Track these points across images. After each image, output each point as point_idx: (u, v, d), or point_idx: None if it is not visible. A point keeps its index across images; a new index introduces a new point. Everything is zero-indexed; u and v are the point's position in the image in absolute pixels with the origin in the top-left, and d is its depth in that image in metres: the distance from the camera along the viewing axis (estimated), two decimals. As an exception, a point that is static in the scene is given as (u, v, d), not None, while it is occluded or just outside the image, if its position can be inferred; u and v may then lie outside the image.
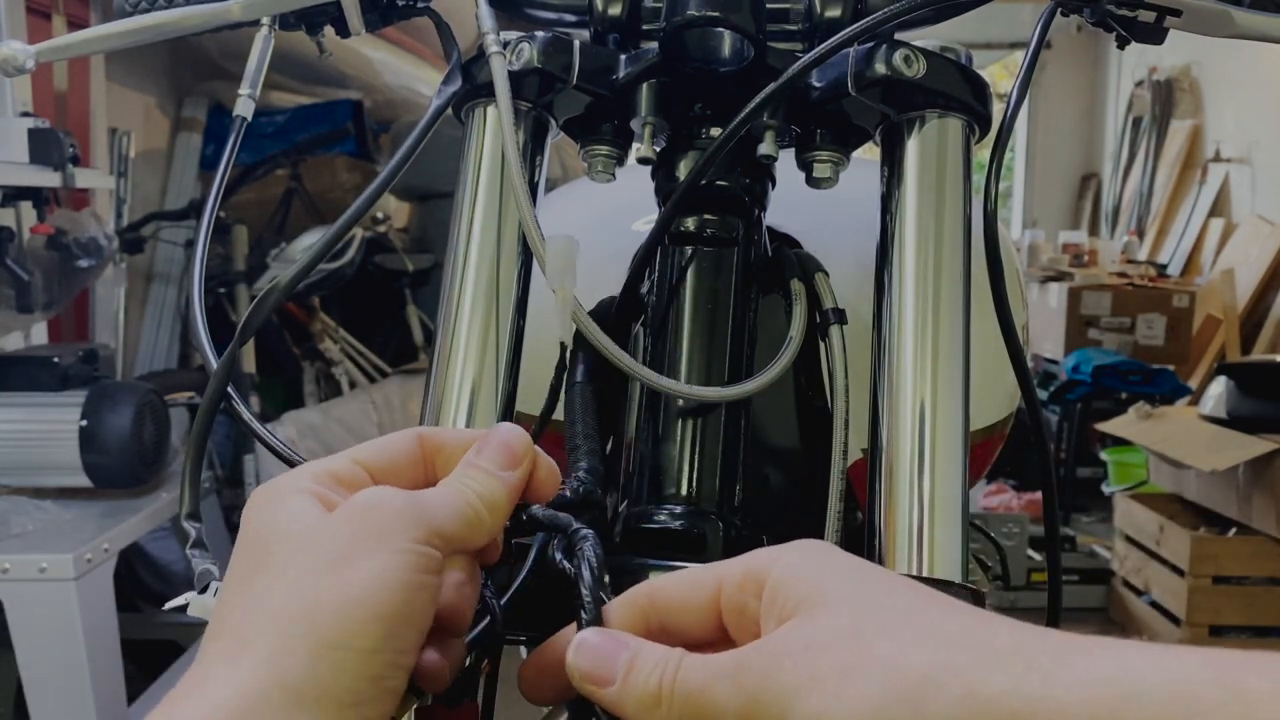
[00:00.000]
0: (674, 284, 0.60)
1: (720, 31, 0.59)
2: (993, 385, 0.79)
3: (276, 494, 0.38)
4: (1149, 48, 0.60)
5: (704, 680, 0.35)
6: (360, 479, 0.40)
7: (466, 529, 0.38)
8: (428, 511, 0.37)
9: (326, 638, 0.33)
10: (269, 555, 0.36)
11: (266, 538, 0.36)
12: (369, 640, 0.34)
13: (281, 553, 0.36)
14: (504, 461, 0.41)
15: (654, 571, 0.50)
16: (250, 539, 0.37)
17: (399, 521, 0.36)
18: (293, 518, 0.37)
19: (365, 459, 0.40)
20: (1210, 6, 0.56)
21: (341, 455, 0.40)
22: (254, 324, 0.53)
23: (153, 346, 3.19)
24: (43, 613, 1.68)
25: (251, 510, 0.38)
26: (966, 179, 0.57)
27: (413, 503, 0.37)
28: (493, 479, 0.40)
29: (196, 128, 3.41)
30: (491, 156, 0.58)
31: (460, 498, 0.39)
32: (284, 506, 0.37)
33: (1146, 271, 4.85)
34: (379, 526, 0.36)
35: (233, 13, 0.60)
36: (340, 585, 0.34)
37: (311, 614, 0.34)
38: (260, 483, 2.50)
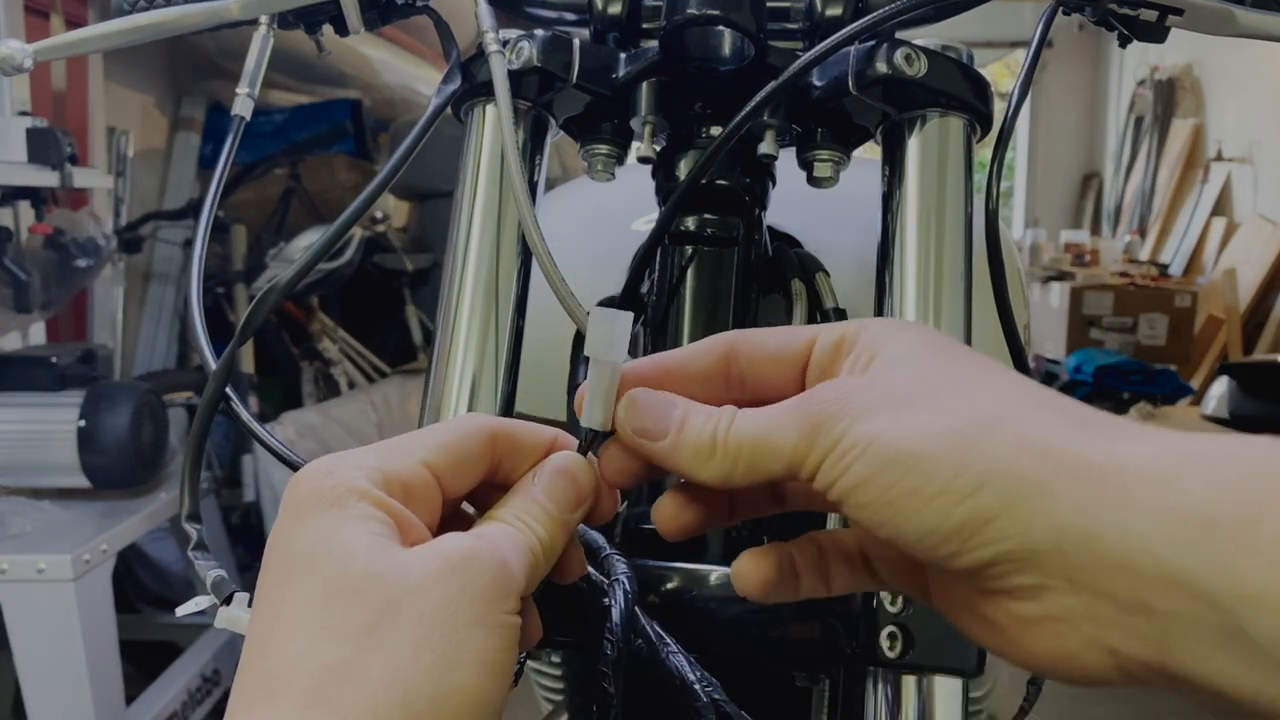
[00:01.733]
0: (674, 283, 0.60)
1: (720, 30, 0.59)
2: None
3: (339, 504, 0.33)
4: (1151, 47, 0.60)
5: (762, 425, 0.34)
6: (429, 489, 0.35)
7: (527, 581, 0.34)
8: (511, 567, 0.33)
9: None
10: (351, 594, 0.31)
11: (344, 566, 0.31)
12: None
13: (370, 600, 0.31)
14: (569, 502, 0.37)
15: (654, 572, 0.50)
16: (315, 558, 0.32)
17: (493, 589, 0.32)
18: (376, 548, 0.32)
19: (434, 461, 0.36)
20: (1212, 5, 0.56)
21: (406, 449, 0.35)
22: (253, 324, 0.53)
23: (151, 346, 3.18)
24: (41, 613, 1.68)
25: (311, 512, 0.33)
26: (968, 178, 0.57)
27: (502, 562, 0.33)
28: (555, 523, 0.36)
29: (195, 127, 3.41)
30: (491, 156, 0.58)
31: (528, 546, 0.35)
32: (360, 526, 0.32)
33: (1148, 271, 4.85)
34: (476, 593, 0.31)
35: (231, 11, 0.59)
36: (443, 669, 0.30)
37: (410, 699, 0.29)
38: (259, 484, 2.50)
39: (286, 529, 0.33)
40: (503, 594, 0.32)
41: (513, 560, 0.33)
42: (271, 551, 0.33)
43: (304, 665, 0.30)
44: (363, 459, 0.35)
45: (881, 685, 0.48)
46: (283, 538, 0.33)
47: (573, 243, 0.78)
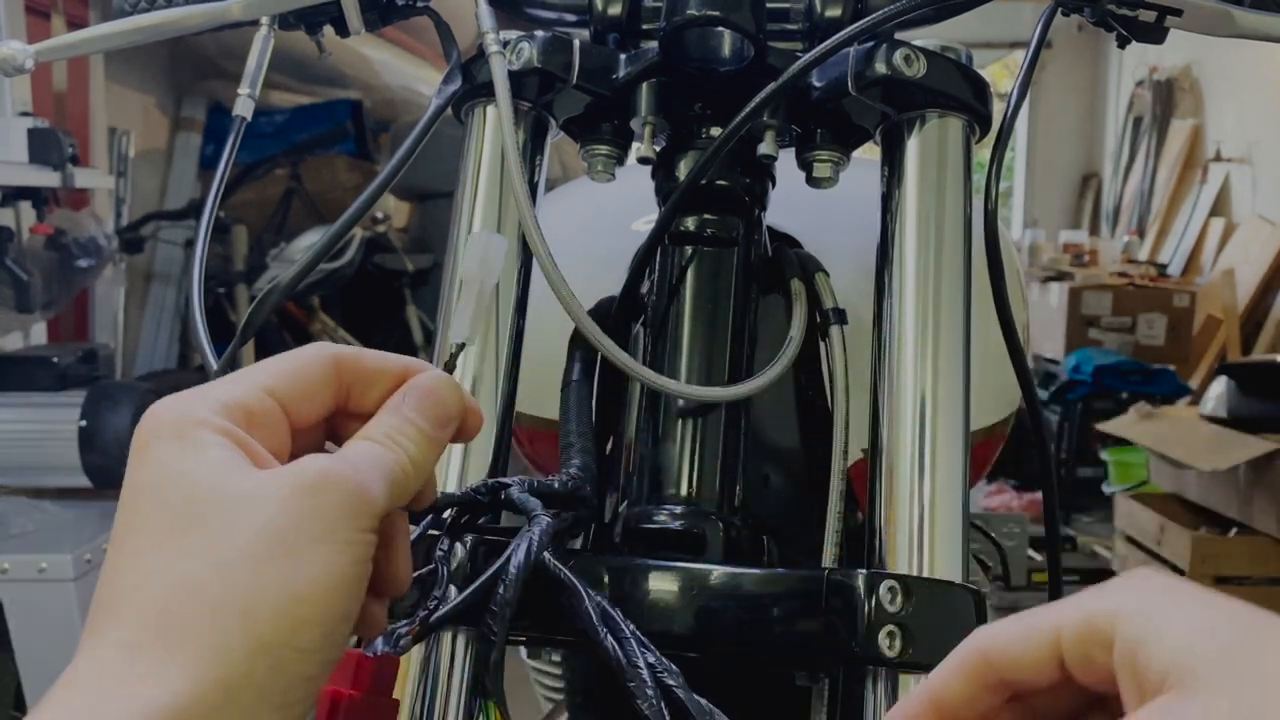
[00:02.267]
0: (674, 284, 0.60)
1: (720, 31, 0.59)
2: (993, 385, 0.79)
3: (185, 431, 0.33)
4: (1149, 47, 0.60)
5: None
6: (273, 415, 0.35)
7: (395, 496, 0.35)
8: (368, 488, 0.34)
9: (266, 636, 0.30)
10: (194, 517, 0.32)
11: (188, 490, 0.32)
12: (310, 640, 0.31)
13: (213, 519, 0.31)
14: (439, 418, 0.38)
15: (654, 571, 0.50)
16: (160, 485, 0.32)
17: (347, 508, 0.33)
18: (218, 472, 0.32)
19: (277, 388, 0.36)
20: (1211, 6, 0.56)
21: (249, 379, 0.36)
22: (254, 324, 0.53)
23: (152, 346, 3.19)
24: (42, 613, 1.68)
25: (154, 444, 0.33)
26: (967, 179, 0.57)
27: (359, 484, 0.33)
28: (424, 438, 0.37)
29: (196, 127, 3.41)
30: (491, 156, 0.58)
31: (392, 461, 0.36)
32: (203, 453, 0.33)
33: (1147, 271, 4.85)
34: (326, 512, 0.32)
35: (232, 12, 0.59)
36: (285, 580, 0.31)
37: (253, 609, 0.30)
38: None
39: (134, 464, 0.34)
40: (355, 512, 0.33)
41: (371, 479, 0.34)
42: (123, 489, 0.34)
43: (147, 586, 0.31)
44: (205, 391, 0.35)
45: (881, 684, 0.48)
46: (130, 473, 0.34)
47: (573, 243, 0.78)
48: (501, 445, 0.55)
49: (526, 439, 0.85)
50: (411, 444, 0.37)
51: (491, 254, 0.39)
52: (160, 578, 0.31)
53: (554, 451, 0.85)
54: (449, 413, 0.38)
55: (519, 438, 0.85)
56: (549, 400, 0.79)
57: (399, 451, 0.36)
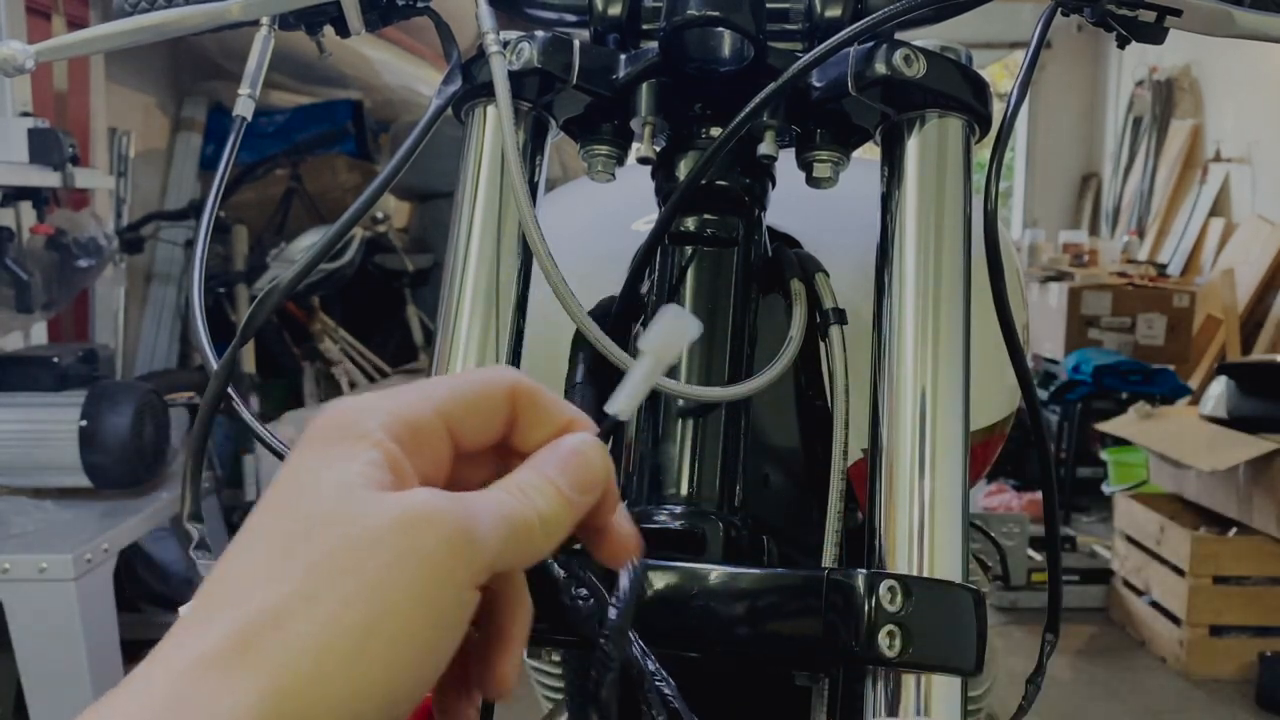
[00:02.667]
0: (674, 284, 0.60)
1: (720, 31, 0.59)
2: (993, 385, 0.79)
3: (343, 439, 0.32)
4: (1149, 47, 0.60)
5: None
6: (436, 436, 0.34)
7: (513, 551, 0.33)
8: (480, 540, 0.31)
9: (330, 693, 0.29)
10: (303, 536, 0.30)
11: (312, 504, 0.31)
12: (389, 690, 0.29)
13: (317, 543, 0.30)
14: (580, 483, 0.35)
15: (654, 571, 0.50)
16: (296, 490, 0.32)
17: (450, 556, 0.30)
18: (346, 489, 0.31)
19: (449, 409, 0.34)
20: (1211, 6, 0.56)
21: (423, 397, 0.34)
22: (254, 324, 0.53)
23: (152, 346, 3.19)
24: (43, 613, 1.68)
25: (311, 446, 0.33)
26: (967, 179, 0.57)
27: (464, 527, 0.31)
28: (560, 498, 0.35)
29: (196, 127, 3.41)
30: (491, 156, 0.58)
31: (517, 512, 0.33)
32: (346, 466, 0.31)
33: (1147, 271, 4.85)
34: (425, 556, 0.30)
35: (232, 12, 0.59)
36: (361, 634, 0.29)
37: (323, 657, 0.29)
38: (261, 483, 2.50)
39: (289, 460, 0.33)
40: (458, 561, 0.30)
41: (484, 528, 0.31)
42: (275, 480, 0.33)
43: (244, 603, 0.29)
44: (381, 400, 0.34)
45: (880, 684, 0.48)
46: (283, 468, 0.33)
47: (573, 243, 0.78)
48: (502, 445, 0.55)
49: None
50: (544, 501, 0.34)
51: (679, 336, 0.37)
52: (256, 600, 0.29)
53: (554, 451, 0.85)
54: (594, 478, 0.36)
55: (519, 438, 0.85)
56: (549, 400, 0.79)
57: (527, 505, 0.34)
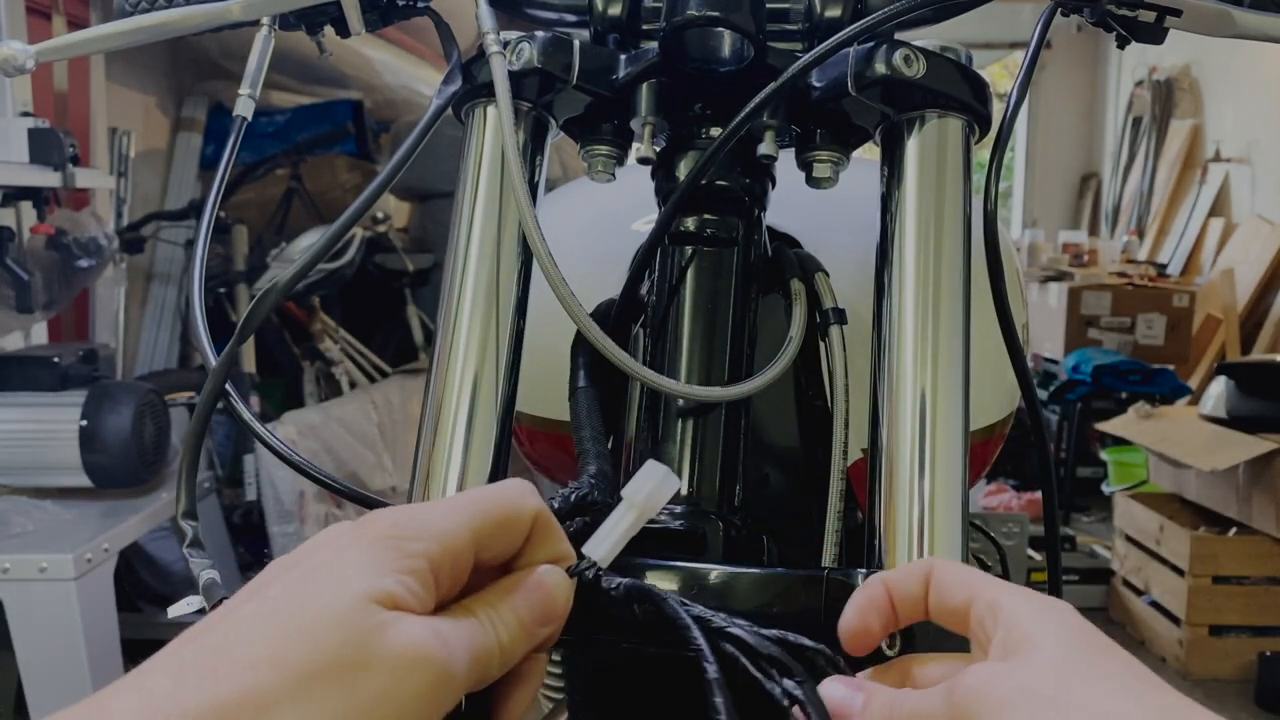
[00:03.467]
0: (674, 284, 0.60)
1: (720, 31, 0.59)
2: (993, 385, 0.79)
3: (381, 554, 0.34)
4: (1149, 47, 0.60)
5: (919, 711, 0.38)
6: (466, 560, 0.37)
7: (474, 679, 0.36)
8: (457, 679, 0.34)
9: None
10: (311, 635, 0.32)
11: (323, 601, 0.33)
12: None
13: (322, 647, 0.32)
14: (543, 618, 0.39)
15: (654, 571, 0.50)
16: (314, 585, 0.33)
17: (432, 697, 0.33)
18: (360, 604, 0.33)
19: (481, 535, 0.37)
20: (1210, 6, 0.56)
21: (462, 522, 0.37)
22: (253, 323, 0.53)
23: (153, 346, 3.19)
24: (43, 612, 1.68)
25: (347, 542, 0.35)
26: (966, 179, 0.57)
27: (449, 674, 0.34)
28: (523, 635, 0.38)
29: (196, 127, 3.41)
30: (491, 156, 0.58)
31: (481, 644, 0.36)
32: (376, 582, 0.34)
33: (1146, 271, 4.85)
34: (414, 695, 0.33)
35: (233, 12, 0.60)
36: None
37: None
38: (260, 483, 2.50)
39: (320, 541, 0.35)
40: (438, 701, 0.34)
41: (460, 666, 0.35)
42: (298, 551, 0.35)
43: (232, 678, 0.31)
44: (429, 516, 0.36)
45: (880, 683, 0.48)
46: (313, 545, 0.35)
47: (573, 243, 0.78)
48: (502, 445, 0.55)
49: (526, 439, 0.85)
50: (506, 632, 0.37)
51: (663, 493, 0.40)
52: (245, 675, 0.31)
53: (554, 451, 0.85)
54: (554, 615, 0.39)
55: (519, 437, 0.85)
56: (549, 400, 0.79)
57: (492, 636, 0.37)
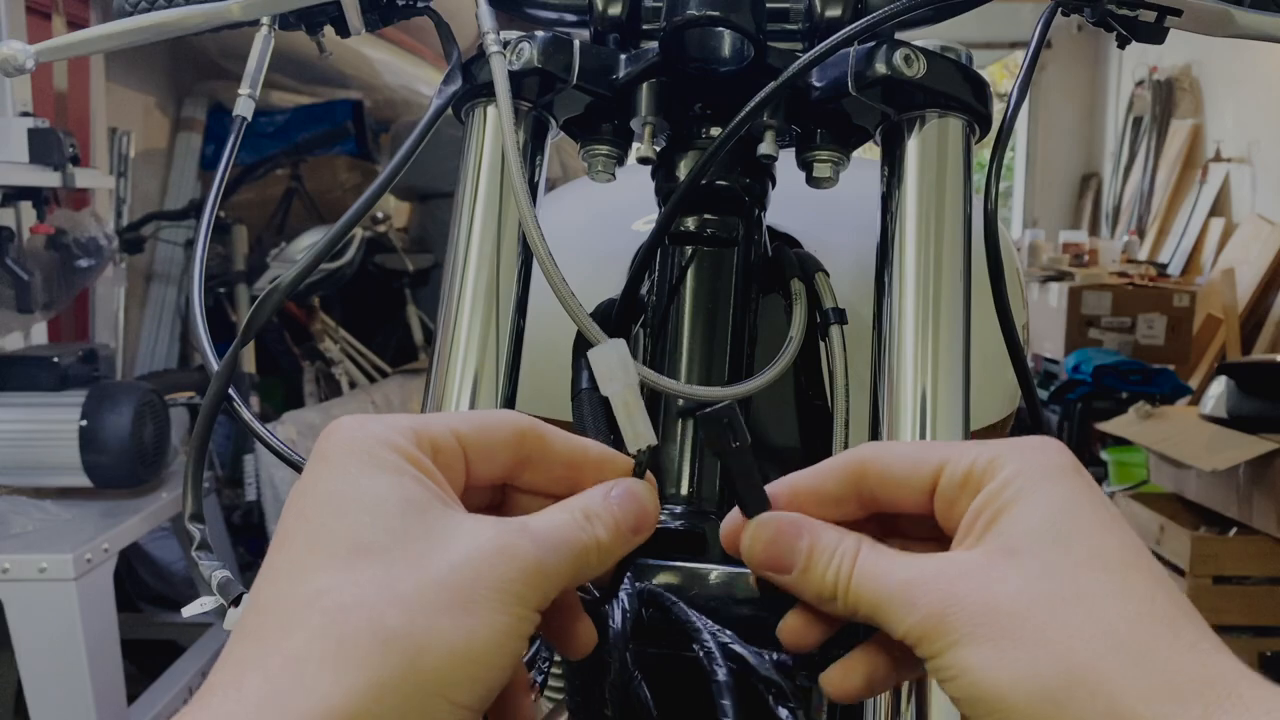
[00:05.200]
0: (674, 284, 0.60)
1: (720, 31, 0.59)
2: (993, 385, 0.79)
3: (377, 450, 0.33)
4: (1149, 47, 0.60)
5: (882, 591, 0.35)
6: (456, 458, 0.36)
7: (576, 576, 0.35)
8: (548, 566, 0.34)
9: (428, 682, 0.30)
10: (378, 546, 0.32)
11: (375, 512, 0.32)
12: (466, 697, 0.31)
13: (398, 552, 0.32)
14: (637, 521, 0.37)
15: (654, 571, 0.50)
16: (345, 500, 0.32)
17: (526, 582, 0.33)
18: (411, 502, 0.33)
19: (464, 434, 0.36)
20: (1211, 6, 0.56)
21: (439, 419, 0.36)
22: (255, 325, 0.53)
23: (153, 346, 3.19)
24: (43, 613, 1.68)
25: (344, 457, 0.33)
26: (967, 179, 0.57)
27: (539, 560, 0.33)
28: (619, 535, 0.37)
29: (196, 127, 3.41)
30: (491, 156, 0.58)
31: (583, 542, 0.35)
32: (397, 479, 0.33)
33: (1147, 271, 4.85)
34: (506, 583, 0.32)
35: (232, 12, 0.59)
36: (458, 633, 0.31)
37: (423, 652, 0.30)
38: (260, 483, 2.50)
39: (316, 471, 0.34)
40: (533, 589, 0.33)
41: (554, 557, 0.34)
42: (296, 495, 0.34)
43: (322, 604, 0.30)
44: (394, 417, 0.35)
45: (881, 683, 0.48)
46: (309, 482, 0.34)
47: (573, 243, 0.78)
48: (502, 445, 0.55)
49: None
50: (605, 531, 0.36)
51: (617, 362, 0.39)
52: (337, 599, 0.31)
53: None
54: (646, 522, 0.38)
55: (519, 437, 0.85)
56: (549, 400, 0.79)
57: (591, 534, 0.36)
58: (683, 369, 0.58)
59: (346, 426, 0.35)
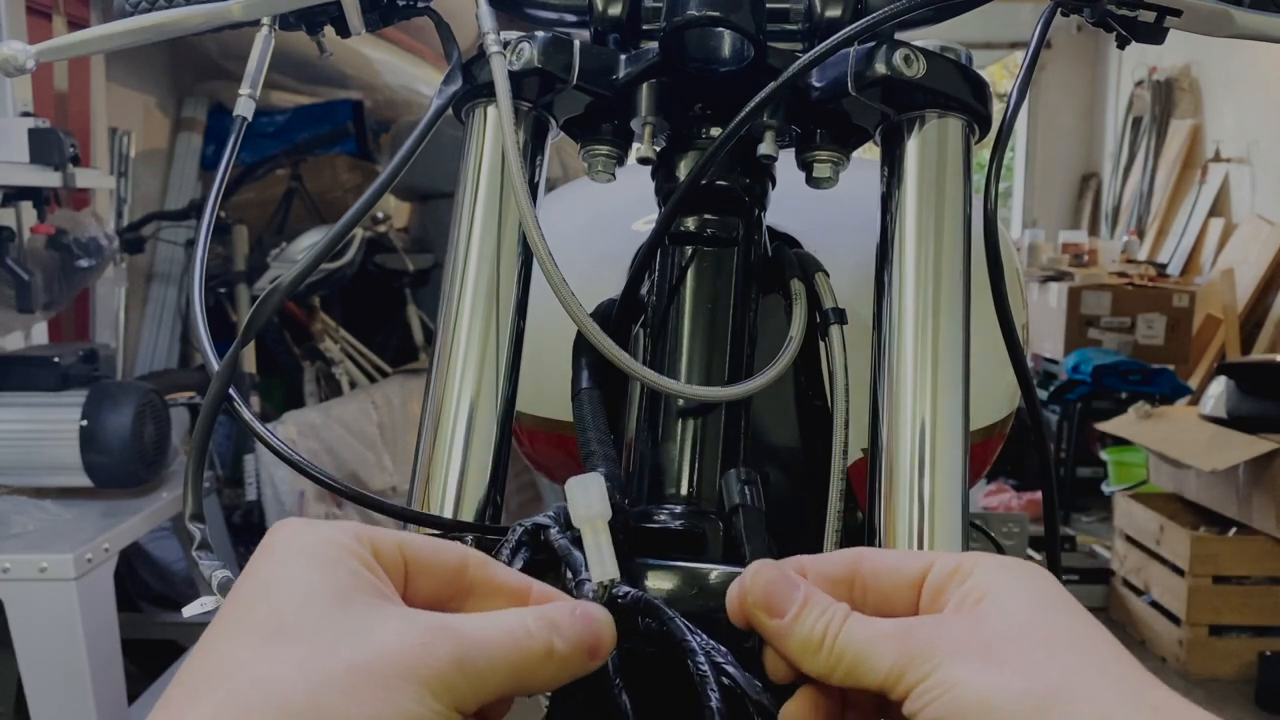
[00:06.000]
0: (674, 284, 0.60)
1: (720, 31, 0.59)
2: (993, 385, 0.79)
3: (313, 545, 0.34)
4: (1149, 47, 0.60)
5: (867, 637, 0.36)
6: (394, 563, 0.36)
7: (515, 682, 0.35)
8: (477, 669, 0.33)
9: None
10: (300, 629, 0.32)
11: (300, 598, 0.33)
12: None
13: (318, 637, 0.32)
14: (592, 647, 0.37)
15: (654, 571, 0.50)
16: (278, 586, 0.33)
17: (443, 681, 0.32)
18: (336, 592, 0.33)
19: (409, 548, 0.37)
20: (1210, 6, 0.56)
21: (387, 532, 0.37)
22: (256, 325, 0.53)
23: (153, 346, 3.19)
24: (43, 612, 1.68)
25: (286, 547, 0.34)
26: (966, 179, 0.57)
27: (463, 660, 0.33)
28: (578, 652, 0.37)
29: (197, 128, 3.41)
30: (492, 156, 0.58)
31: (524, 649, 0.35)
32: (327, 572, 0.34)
33: (1146, 271, 4.85)
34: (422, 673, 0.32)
35: (233, 13, 0.60)
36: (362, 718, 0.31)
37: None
38: (261, 483, 2.50)
39: (255, 563, 0.35)
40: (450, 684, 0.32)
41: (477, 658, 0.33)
42: (237, 583, 0.35)
43: (235, 680, 0.31)
44: (343, 523, 0.36)
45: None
46: (249, 571, 0.35)
47: (573, 243, 0.78)
48: (502, 445, 0.55)
49: (527, 439, 0.85)
50: (567, 645, 0.36)
51: (594, 493, 0.40)
52: (249, 675, 0.31)
53: (554, 451, 0.85)
54: (601, 649, 0.38)
55: (519, 437, 0.85)
56: (549, 400, 0.79)
57: (545, 640, 0.36)
58: (683, 369, 0.58)
59: (293, 525, 0.36)
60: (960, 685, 0.33)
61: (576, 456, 0.54)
